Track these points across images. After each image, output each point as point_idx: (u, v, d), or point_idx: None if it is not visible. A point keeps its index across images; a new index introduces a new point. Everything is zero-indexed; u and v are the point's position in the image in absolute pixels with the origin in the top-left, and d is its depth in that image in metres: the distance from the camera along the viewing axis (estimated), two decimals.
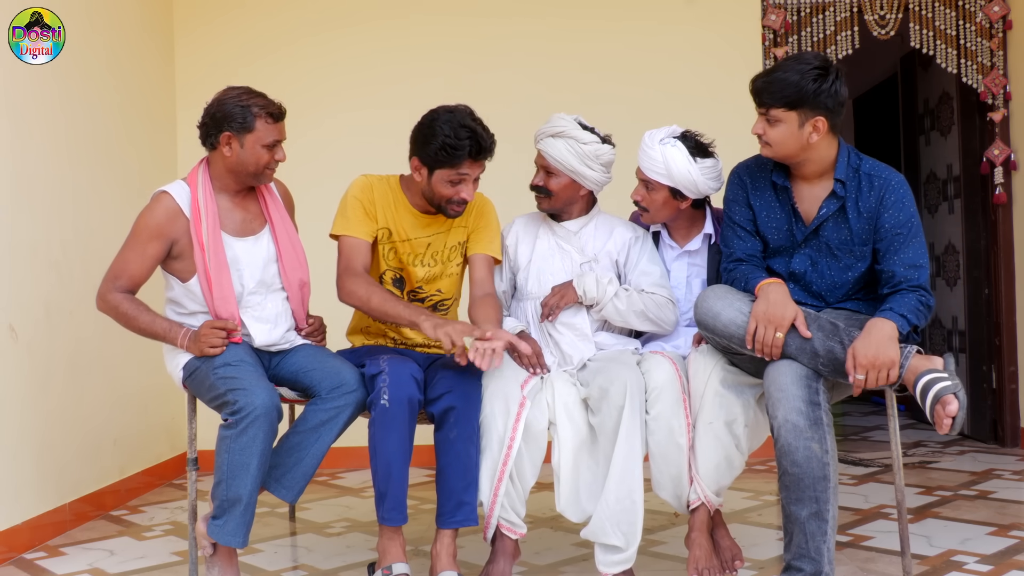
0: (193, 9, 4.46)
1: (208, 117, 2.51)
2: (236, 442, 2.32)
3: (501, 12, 4.46)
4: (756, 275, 2.44)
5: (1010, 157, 4.40)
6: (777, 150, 2.41)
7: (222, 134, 2.49)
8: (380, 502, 2.45)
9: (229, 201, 2.58)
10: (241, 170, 2.53)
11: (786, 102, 2.34)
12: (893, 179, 2.42)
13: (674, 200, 2.67)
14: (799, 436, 2.23)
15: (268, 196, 2.66)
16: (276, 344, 2.62)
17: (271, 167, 2.55)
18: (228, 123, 2.47)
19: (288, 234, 2.66)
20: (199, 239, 2.48)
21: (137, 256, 2.50)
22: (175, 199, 2.51)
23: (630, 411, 2.42)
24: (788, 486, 2.26)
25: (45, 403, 3.15)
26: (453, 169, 2.52)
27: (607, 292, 2.62)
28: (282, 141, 2.55)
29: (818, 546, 2.23)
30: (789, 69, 2.35)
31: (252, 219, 2.62)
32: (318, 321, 2.78)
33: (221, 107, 2.49)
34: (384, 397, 2.39)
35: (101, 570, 2.81)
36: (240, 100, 2.48)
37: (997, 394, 4.55)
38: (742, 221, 2.55)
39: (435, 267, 2.72)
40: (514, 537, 2.51)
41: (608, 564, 2.44)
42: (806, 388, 2.27)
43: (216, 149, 2.52)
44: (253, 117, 2.48)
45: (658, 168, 2.61)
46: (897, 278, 2.37)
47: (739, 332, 2.36)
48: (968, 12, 4.39)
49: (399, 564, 2.44)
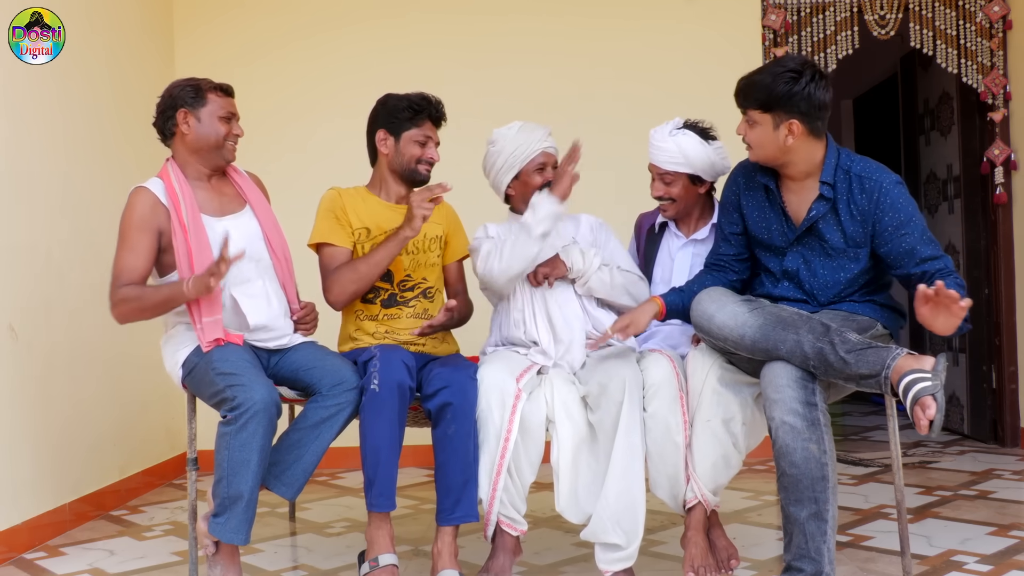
0: (193, 9, 4.46)
1: (161, 107, 2.63)
2: (236, 438, 2.32)
3: (501, 11, 4.46)
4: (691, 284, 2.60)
5: (1010, 157, 4.40)
6: (757, 152, 2.44)
7: (177, 113, 2.58)
8: (368, 488, 2.45)
9: (204, 188, 2.64)
10: (203, 146, 2.60)
11: (759, 104, 2.37)
12: (885, 180, 2.39)
13: (693, 186, 2.74)
14: (796, 437, 2.23)
15: (240, 179, 2.73)
16: (272, 329, 2.62)
17: (231, 140, 2.64)
18: (181, 101, 2.59)
19: (267, 214, 2.72)
20: (180, 220, 2.52)
21: (131, 254, 2.51)
22: (151, 190, 2.56)
23: (629, 407, 2.42)
24: (787, 487, 2.26)
25: (45, 403, 3.15)
26: (418, 129, 2.76)
27: (592, 263, 2.66)
28: (236, 116, 2.66)
29: (818, 546, 2.23)
30: (766, 72, 2.38)
31: (230, 200, 2.68)
32: (310, 306, 2.80)
33: (170, 93, 2.63)
34: (374, 382, 2.42)
35: (101, 570, 2.81)
36: (187, 82, 2.63)
37: (997, 394, 4.55)
38: (724, 224, 2.62)
39: (418, 255, 2.79)
40: (514, 534, 2.51)
41: (608, 562, 2.44)
42: (802, 389, 2.27)
43: (175, 135, 2.61)
44: (204, 91, 2.61)
45: (676, 159, 2.67)
46: (919, 254, 2.34)
47: (732, 335, 2.37)
48: (968, 12, 4.39)
49: (386, 555, 2.44)
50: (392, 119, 2.78)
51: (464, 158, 3.23)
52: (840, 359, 2.24)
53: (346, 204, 2.78)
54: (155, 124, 2.66)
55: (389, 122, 2.78)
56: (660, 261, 2.84)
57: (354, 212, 2.77)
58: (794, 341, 2.29)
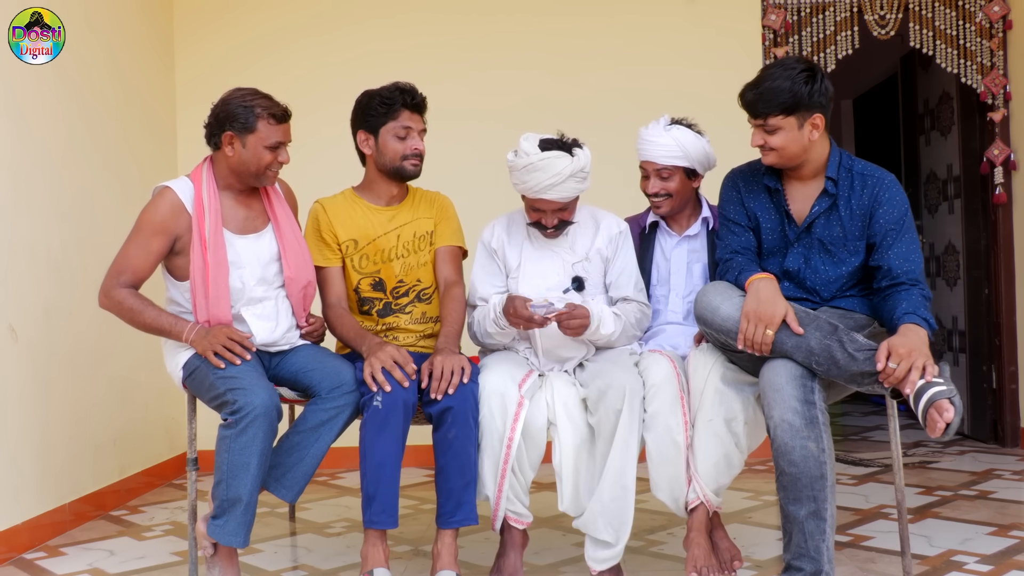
0: (193, 9, 4.46)
1: (213, 116, 2.54)
2: (236, 442, 2.32)
3: (501, 11, 4.46)
4: (748, 268, 2.46)
5: (1010, 157, 4.40)
6: (782, 155, 2.44)
7: (224, 133, 2.51)
8: (368, 505, 2.42)
9: (232, 199, 2.59)
10: (243, 170, 2.54)
11: (783, 109, 2.37)
12: (885, 178, 2.46)
13: (688, 181, 2.73)
14: (795, 435, 2.23)
15: (272, 194, 2.67)
16: (277, 344, 2.62)
17: (273, 168, 2.56)
18: (231, 123, 2.49)
19: (292, 232, 2.66)
20: (201, 235, 2.49)
21: (140, 251, 2.50)
22: (178, 194, 2.52)
23: (628, 415, 2.43)
24: (786, 486, 2.26)
25: (45, 403, 3.14)
26: (396, 122, 2.67)
27: (607, 326, 2.55)
28: (286, 143, 2.57)
29: (817, 545, 2.23)
30: (777, 77, 2.38)
31: (255, 217, 2.63)
32: (319, 322, 2.78)
33: (225, 107, 2.51)
34: (377, 399, 2.39)
35: (101, 570, 2.81)
36: (244, 100, 2.50)
37: (997, 394, 4.55)
38: (737, 217, 2.58)
39: (408, 257, 2.76)
40: (521, 527, 2.53)
41: (597, 560, 2.47)
42: (801, 387, 2.27)
43: (219, 149, 2.54)
44: (255, 118, 2.49)
45: (674, 152, 2.66)
46: (894, 272, 2.39)
47: (736, 327, 2.37)
48: (968, 12, 4.39)
49: (380, 569, 2.42)
50: (368, 117, 2.70)
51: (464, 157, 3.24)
52: (849, 356, 2.25)
53: (332, 218, 2.73)
54: (205, 126, 2.57)
55: (365, 121, 2.71)
56: (656, 261, 2.83)
57: (340, 224, 2.73)
58: (798, 337, 2.29)
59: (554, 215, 2.58)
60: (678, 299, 2.76)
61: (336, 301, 2.73)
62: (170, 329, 2.48)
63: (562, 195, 2.52)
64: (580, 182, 2.54)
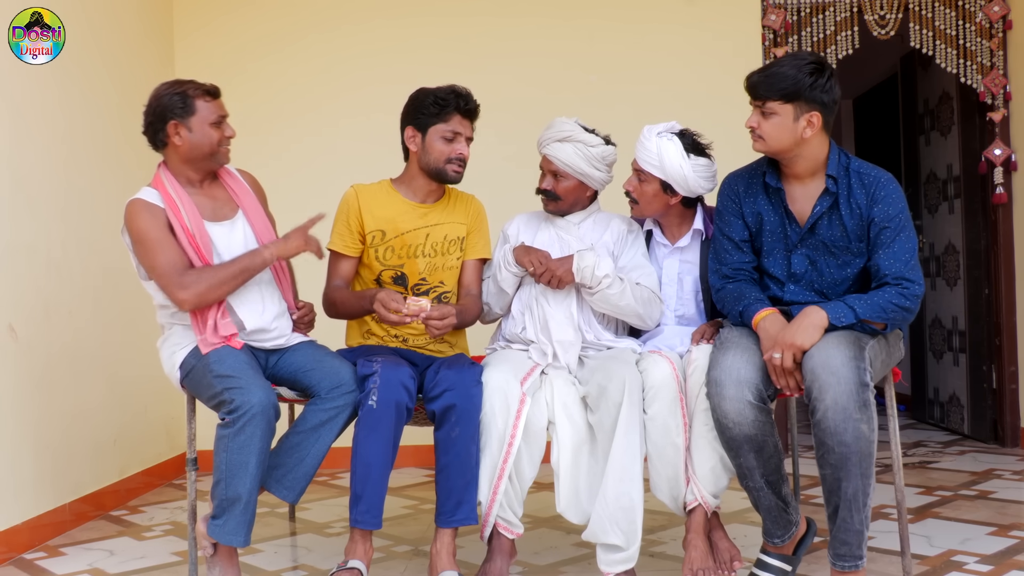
0: (193, 9, 4.46)
1: (149, 116, 2.57)
2: (234, 441, 2.32)
3: (501, 13, 4.46)
4: (750, 302, 2.45)
5: (1010, 157, 4.40)
6: (770, 143, 2.43)
7: (168, 124, 2.53)
8: (355, 504, 2.43)
9: (197, 193, 2.61)
10: (197, 155, 2.56)
11: (783, 95, 2.37)
12: (882, 176, 2.46)
13: (664, 195, 2.68)
14: (848, 419, 2.20)
15: (232, 182, 2.69)
16: (269, 331, 2.61)
17: (224, 145, 2.60)
18: (170, 112, 2.53)
19: (260, 218, 2.68)
20: (183, 226, 2.50)
21: (167, 250, 2.47)
22: (147, 199, 2.52)
23: (628, 408, 2.42)
24: (834, 464, 2.24)
25: (44, 403, 3.14)
26: (445, 124, 2.68)
27: (603, 268, 2.59)
28: (226, 117, 2.61)
29: (862, 518, 2.26)
30: (785, 64, 2.40)
31: (222, 205, 2.64)
32: (308, 306, 2.79)
33: (159, 102, 2.55)
34: (372, 398, 2.40)
35: (101, 570, 2.81)
36: (173, 89, 2.56)
37: (997, 394, 4.55)
38: (731, 233, 2.56)
39: (435, 257, 2.76)
40: (511, 537, 2.51)
41: (609, 564, 2.44)
42: (856, 369, 2.24)
43: (167, 145, 2.57)
44: (191, 99, 2.54)
45: (652, 159, 2.63)
46: (882, 272, 2.39)
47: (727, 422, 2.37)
48: (968, 12, 4.39)
49: (355, 560, 2.43)
50: (419, 114, 2.70)
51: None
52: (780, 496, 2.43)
53: (362, 204, 2.74)
54: (145, 134, 2.60)
55: (416, 118, 2.71)
56: None
57: (370, 213, 2.73)
58: (749, 467, 2.38)
59: (550, 178, 2.72)
60: (668, 311, 2.76)
61: (339, 284, 2.76)
62: (250, 263, 2.51)
63: (558, 156, 2.67)
64: (581, 158, 2.67)
